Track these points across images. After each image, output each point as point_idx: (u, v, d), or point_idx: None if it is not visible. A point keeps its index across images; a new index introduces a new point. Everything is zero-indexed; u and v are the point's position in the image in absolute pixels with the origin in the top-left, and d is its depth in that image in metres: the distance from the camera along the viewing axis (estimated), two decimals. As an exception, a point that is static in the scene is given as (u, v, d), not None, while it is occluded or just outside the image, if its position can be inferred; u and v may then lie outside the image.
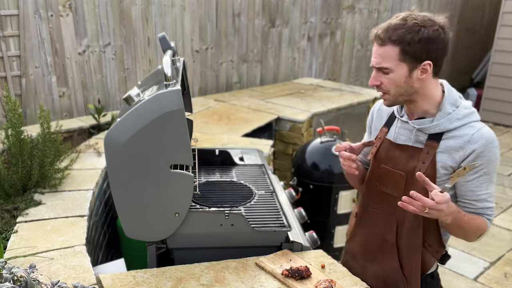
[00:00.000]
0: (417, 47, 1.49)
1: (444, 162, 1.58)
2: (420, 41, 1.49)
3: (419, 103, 1.62)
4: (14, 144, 2.43)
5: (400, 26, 1.51)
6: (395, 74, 1.54)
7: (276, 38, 5.57)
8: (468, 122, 1.58)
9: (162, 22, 4.47)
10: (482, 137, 1.54)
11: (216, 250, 1.87)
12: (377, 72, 1.57)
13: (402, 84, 1.55)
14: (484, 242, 3.90)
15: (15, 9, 3.54)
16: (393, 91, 1.57)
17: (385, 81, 1.56)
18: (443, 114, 1.59)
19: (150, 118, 1.61)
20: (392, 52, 1.51)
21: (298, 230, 2.00)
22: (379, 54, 1.54)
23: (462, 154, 1.55)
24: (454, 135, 1.57)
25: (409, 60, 1.52)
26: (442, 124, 1.58)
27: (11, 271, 1.38)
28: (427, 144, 1.60)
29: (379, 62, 1.55)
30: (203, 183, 2.25)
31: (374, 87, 1.60)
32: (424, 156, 1.60)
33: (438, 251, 1.71)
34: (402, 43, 1.49)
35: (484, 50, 8.83)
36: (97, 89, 4.16)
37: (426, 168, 1.58)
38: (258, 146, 3.22)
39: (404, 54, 1.51)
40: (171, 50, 1.95)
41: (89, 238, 2.22)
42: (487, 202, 1.60)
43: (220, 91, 5.20)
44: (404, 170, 1.64)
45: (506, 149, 6.23)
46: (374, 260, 1.80)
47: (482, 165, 1.54)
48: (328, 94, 5.05)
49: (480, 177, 1.57)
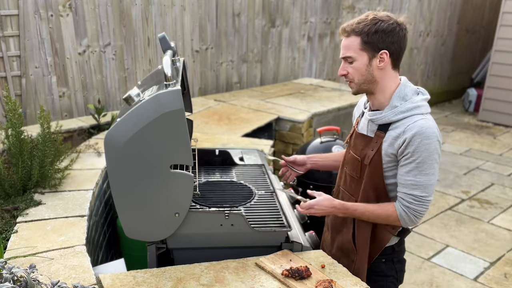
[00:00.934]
0: (375, 38, 1.70)
1: (386, 150, 1.76)
2: (377, 32, 1.70)
3: (376, 95, 1.80)
4: (14, 144, 2.43)
5: (362, 21, 1.73)
6: (358, 63, 1.74)
7: (276, 38, 5.58)
8: (410, 115, 1.73)
9: (162, 22, 4.47)
10: (415, 127, 1.69)
11: (216, 250, 1.87)
12: (344, 62, 1.79)
13: (363, 72, 1.75)
14: (484, 242, 3.90)
15: (15, 9, 3.55)
16: (357, 79, 1.77)
17: (351, 70, 1.77)
18: (390, 107, 1.77)
19: (150, 118, 1.61)
20: (354, 42, 1.73)
21: (298, 230, 2.00)
22: (344, 45, 1.76)
23: (399, 142, 1.72)
24: (396, 126, 1.75)
25: (368, 49, 1.72)
26: (387, 116, 1.76)
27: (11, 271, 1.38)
28: (376, 134, 1.80)
29: (345, 52, 1.76)
30: (203, 183, 2.25)
31: (343, 77, 1.81)
32: (373, 144, 1.80)
33: (394, 228, 1.86)
34: (361, 34, 1.71)
35: (484, 50, 8.83)
36: (97, 89, 4.16)
37: (373, 155, 1.79)
38: (258, 146, 3.22)
39: (364, 44, 1.72)
40: (171, 50, 1.95)
41: (89, 238, 2.22)
42: (411, 190, 1.73)
43: (220, 91, 5.20)
44: (360, 155, 1.86)
45: (506, 149, 6.23)
46: (339, 232, 2.02)
47: (411, 153, 1.69)
48: (328, 94, 5.05)
49: (409, 164, 1.71)
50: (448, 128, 7.06)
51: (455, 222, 4.23)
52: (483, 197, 4.75)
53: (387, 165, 1.78)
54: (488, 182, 5.12)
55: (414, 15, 7.31)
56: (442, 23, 7.87)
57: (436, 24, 7.75)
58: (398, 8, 6.98)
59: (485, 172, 5.42)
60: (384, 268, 1.94)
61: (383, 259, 1.93)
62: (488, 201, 4.67)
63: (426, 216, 4.29)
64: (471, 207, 4.53)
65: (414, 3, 7.20)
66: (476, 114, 7.73)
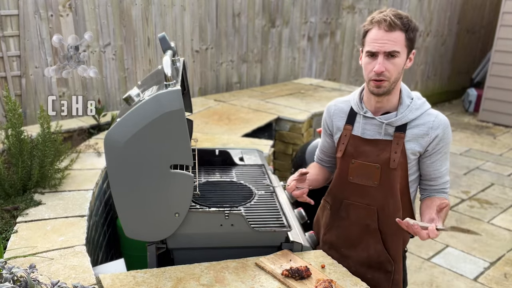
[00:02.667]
0: (414, 35, 1.67)
1: (412, 149, 1.75)
2: (414, 30, 1.67)
3: (392, 96, 1.76)
4: (14, 144, 2.43)
5: (401, 16, 1.65)
6: (400, 59, 1.66)
7: (276, 38, 5.58)
8: (425, 111, 1.76)
9: (162, 22, 4.47)
10: (441, 123, 1.74)
11: (216, 250, 1.87)
12: (383, 58, 1.65)
13: (400, 70, 1.69)
14: (484, 242, 3.90)
15: (15, 9, 3.55)
16: (393, 77, 1.68)
17: (391, 67, 1.66)
18: (404, 106, 1.75)
19: (150, 118, 1.61)
20: (400, 37, 1.63)
21: (298, 230, 2.00)
22: (389, 38, 1.62)
23: (428, 139, 1.73)
24: (416, 124, 1.74)
25: (409, 47, 1.67)
26: (405, 116, 1.75)
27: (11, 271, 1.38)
28: (396, 136, 1.76)
29: (391, 46, 1.63)
30: (203, 183, 2.25)
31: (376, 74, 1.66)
32: (395, 146, 1.76)
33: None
34: (408, 29, 1.64)
35: (484, 50, 8.82)
36: (97, 89, 4.16)
37: (399, 157, 1.75)
38: (258, 146, 3.22)
39: (408, 40, 1.65)
40: (171, 50, 1.95)
41: (89, 238, 2.22)
42: (446, 176, 1.82)
43: (220, 91, 5.20)
44: (378, 162, 1.78)
45: (506, 149, 6.23)
46: (356, 247, 1.90)
47: (443, 146, 1.75)
48: (328, 94, 5.05)
49: (442, 156, 1.78)
50: (448, 128, 7.05)
51: (455, 222, 4.23)
52: (483, 197, 4.75)
53: (411, 164, 1.78)
54: (488, 182, 5.12)
55: (414, 15, 7.31)
56: (442, 23, 7.87)
57: (436, 24, 7.75)
58: (398, 8, 6.96)
59: (485, 172, 5.42)
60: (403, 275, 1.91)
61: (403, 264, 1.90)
62: (488, 201, 4.67)
63: (426, 216, 4.29)
64: (471, 207, 4.53)
65: (414, 3, 7.20)
66: (476, 114, 7.73)
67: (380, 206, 1.80)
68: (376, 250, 1.84)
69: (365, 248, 1.87)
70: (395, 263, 1.83)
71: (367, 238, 1.86)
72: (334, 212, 1.96)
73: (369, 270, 1.86)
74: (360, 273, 1.79)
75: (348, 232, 1.92)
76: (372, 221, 1.83)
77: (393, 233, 1.82)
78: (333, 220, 1.97)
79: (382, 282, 1.84)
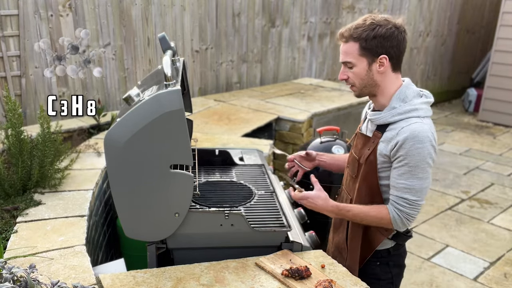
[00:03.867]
0: (373, 43, 1.68)
1: (381, 151, 1.77)
2: (375, 38, 1.68)
3: (377, 97, 1.81)
4: (14, 144, 2.43)
5: (360, 26, 1.71)
6: (358, 68, 1.74)
7: (276, 38, 5.58)
8: (407, 117, 1.72)
9: (162, 22, 4.47)
10: (408, 130, 1.68)
11: (216, 250, 1.87)
12: (344, 67, 1.78)
13: (364, 77, 1.75)
14: (484, 242, 3.90)
15: (15, 9, 3.55)
16: (358, 84, 1.78)
17: (351, 75, 1.77)
18: (389, 108, 1.77)
19: (150, 118, 1.61)
20: (353, 48, 1.72)
21: (298, 230, 2.00)
22: (343, 50, 1.76)
23: (392, 144, 1.72)
24: (392, 127, 1.75)
25: (367, 55, 1.71)
26: (385, 117, 1.76)
27: (11, 271, 1.38)
28: (374, 134, 1.81)
29: (344, 57, 1.76)
30: (203, 183, 2.25)
31: (344, 81, 1.81)
32: (370, 144, 1.81)
33: (387, 230, 1.85)
34: (360, 39, 1.69)
35: (484, 50, 8.83)
36: (97, 89, 4.16)
37: (369, 154, 1.80)
38: (258, 146, 3.22)
39: (362, 49, 1.70)
40: (171, 50, 1.95)
41: (89, 238, 2.22)
42: (403, 193, 1.72)
43: (220, 91, 5.20)
44: (358, 154, 1.87)
45: (506, 149, 6.23)
46: (336, 231, 2.06)
47: (402, 156, 1.69)
48: (328, 94, 5.05)
49: (401, 167, 1.71)
50: (448, 128, 7.06)
51: (455, 222, 4.23)
52: (483, 197, 4.75)
53: (382, 166, 1.78)
54: (488, 182, 5.12)
55: (414, 15, 7.32)
56: (442, 23, 7.87)
57: (436, 24, 7.75)
58: (398, 8, 6.98)
59: (485, 172, 5.42)
60: (378, 271, 1.93)
61: (378, 262, 1.92)
62: (488, 201, 4.67)
63: (426, 216, 4.29)
64: (471, 207, 4.53)
65: (414, 3, 7.20)
66: (476, 114, 7.73)
67: (354, 196, 1.89)
68: (343, 238, 1.98)
69: (339, 233, 2.01)
70: (349, 252, 1.93)
71: (341, 226, 2.00)
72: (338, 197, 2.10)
73: (338, 254, 2.00)
74: (334, 255, 1.96)
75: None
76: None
77: (352, 226, 1.91)
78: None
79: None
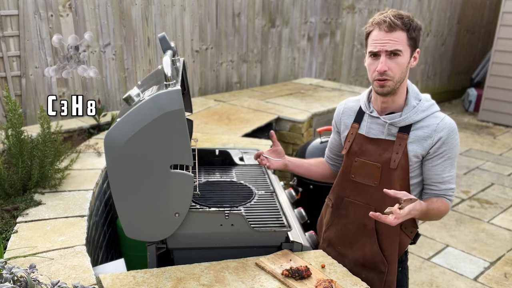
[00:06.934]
0: (417, 34, 1.68)
1: (415, 151, 1.73)
2: (416, 29, 1.67)
3: (397, 96, 1.75)
4: (14, 144, 2.43)
5: (401, 16, 1.66)
6: (403, 59, 1.66)
7: (276, 38, 5.58)
8: (432, 113, 1.74)
9: (162, 22, 4.47)
10: (446, 126, 1.71)
11: (216, 250, 1.87)
12: (386, 58, 1.66)
13: (404, 70, 1.69)
14: (484, 242, 3.90)
15: (15, 9, 3.55)
16: (397, 77, 1.68)
17: (393, 65, 1.66)
18: (409, 107, 1.74)
19: (150, 118, 1.61)
20: (402, 36, 1.64)
21: (298, 230, 2.00)
22: (390, 38, 1.64)
23: (430, 142, 1.71)
24: (421, 125, 1.73)
25: (413, 46, 1.68)
26: (410, 117, 1.73)
27: (11, 271, 1.38)
28: (398, 137, 1.75)
29: (393, 45, 1.64)
30: (203, 183, 2.25)
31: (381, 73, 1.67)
32: (397, 147, 1.75)
33: (412, 232, 1.85)
34: (409, 29, 1.65)
35: (484, 50, 8.83)
36: (97, 89, 4.17)
37: (400, 158, 1.74)
38: (258, 146, 3.22)
39: (410, 40, 1.66)
40: (171, 50, 1.95)
41: (89, 238, 2.22)
42: (449, 184, 1.77)
43: (220, 91, 5.20)
44: (379, 161, 1.79)
45: (506, 149, 6.23)
46: (353, 246, 1.91)
47: (446, 150, 1.71)
48: (328, 94, 5.05)
49: (445, 161, 1.73)
50: (448, 128, 7.05)
51: (455, 222, 4.23)
52: (483, 197, 4.75)
53: (413, 166, 1.76)
54: (488, 182, 5.12)
55: (414, 15, 7.30)
56: (442, 23, 7.87)
57: (436, 24, 7.75)
58: (398, 8, 6.98)
59: (485, 172, 5.42)
60: (400, 277, 1.89)
61: (399, 267, 1.88)
62: (488, 201, 4.67)
63: (426, 216, 4.29)
64: (471, 207, 4.53)
65: (414, 3, 7.20)
66: (476, 114, 7.73)
67: (378, 206, 1.78)
68: (372, 250, 1.85)
69: (361, 248, 1.88)
70: (389, 265, 1.83)
71: (363, 238, 1.87)
72: (335, 209, 1.97)
73: (364, 270, 1.87)
74: (354, 272, 1.78)
75: (346, 230, 1.93)
76: (370, 221, 1.83)
77: (389, 234, 1.82)
78: (333, 217, 1.99)
79: (375, 282, 1.84)
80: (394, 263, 1.83)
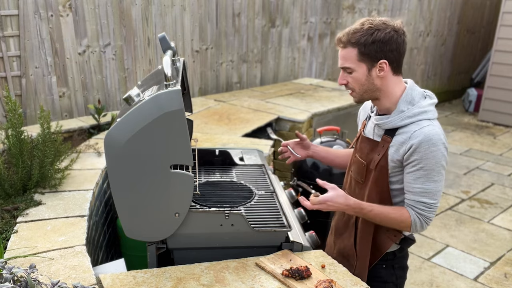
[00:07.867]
0: (372, 48, 1.66)
1: (392, 156, 1.73)
2: (374, 43, 1.65)
3: (381, 101, 1.77)
4: (14, 144, 2.43)
5: (358, 30, 1.67)
6: (357, 73, 1.71)
7: (276, 38, 5.58)
8: (417, 120, 1.70)
9: (162, 22, 4.47)
10: (422, 133, 1.65)
11: (216, 250, 1.87)
12: (343, 72, 1.75)
13: (364, 82, 1.72)
14: (484, 242, 3.90)
15: (15, 9, 3.55)
16: (358, 89, 1.75)
17: (350, 80, 1.74)
18: (397, 112, 1.73)
19: (150, 118, 1.61)
20: (351, 53, 1.69)
21: (298, 230, 2.00)
22: (342, 55, 1.73)
23: (405, 148, 1.69)
24: (403, 131, 1.72)
25: (366, 60, 1.68)
26: (394, 121, 1.73)
27: (11, 271, 1.38)
28: (383, 139, 1.77)
29: (343, 62, 1.73)
30: (203, 183, 2.25)
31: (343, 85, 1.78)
32: (379, 149, 1.78)
33: (396, 235, 1.85)
34: (358, 45, 1.66)
35: (484, 50, 8.83)
36: (97, 89, 4.17)
37: (379, 160, 1.76)
38: (258, 146, 3.22)
39: (361, 55, 1.68)
40: (171, 50, 1.95)
41: (89, 238, 2.22)
42: (421, 197, 1.71)
43: (220, 91, 5.20)
44: (366, 160, 1.83)
45: (506, 149, 6.23)
46: (340, 236, 2.02)
47: (418, 160, 1.66)
48: (328, 94, 5.05)
49: (417, 171, 1.68)
50: (448, 128, 7.06)
51: (455, 222, 4.23)
52: (483, 197, 4.76)
53: (393, 171, 1.76)
54: (488, 182, 5.13)
55: (414, 15, 7.31)
56: (442, 23, 7.87)
57: (436, 24, 7.75)
58: (398, 8, 6.98)
59: (485, 172, 5.42)
60: (383, 274, 1.92)
61: (383, 264, 1.91)
62: (488, 201, 4.67)
63: (426, 216, 4.29)
64: (471, 207, 4.53)
65: (414, 3, 7.20)
66: (476, 114, 7.73)
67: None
68: (350, 243, 1.94)
69: (345, 239, 1.98)
70: (358, 260, 1.90)
71: (348, 230, 1.96)
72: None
73: (343, 260, 1.95)
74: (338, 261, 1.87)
75: (338, 220, 2.04)
76: (352, 216, 1.92)
77: (363, 230, 1.87)
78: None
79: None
80: (363, 259, 1.88)
